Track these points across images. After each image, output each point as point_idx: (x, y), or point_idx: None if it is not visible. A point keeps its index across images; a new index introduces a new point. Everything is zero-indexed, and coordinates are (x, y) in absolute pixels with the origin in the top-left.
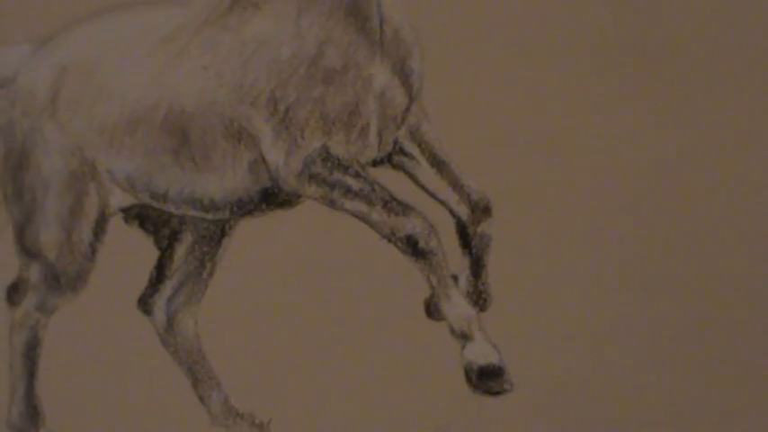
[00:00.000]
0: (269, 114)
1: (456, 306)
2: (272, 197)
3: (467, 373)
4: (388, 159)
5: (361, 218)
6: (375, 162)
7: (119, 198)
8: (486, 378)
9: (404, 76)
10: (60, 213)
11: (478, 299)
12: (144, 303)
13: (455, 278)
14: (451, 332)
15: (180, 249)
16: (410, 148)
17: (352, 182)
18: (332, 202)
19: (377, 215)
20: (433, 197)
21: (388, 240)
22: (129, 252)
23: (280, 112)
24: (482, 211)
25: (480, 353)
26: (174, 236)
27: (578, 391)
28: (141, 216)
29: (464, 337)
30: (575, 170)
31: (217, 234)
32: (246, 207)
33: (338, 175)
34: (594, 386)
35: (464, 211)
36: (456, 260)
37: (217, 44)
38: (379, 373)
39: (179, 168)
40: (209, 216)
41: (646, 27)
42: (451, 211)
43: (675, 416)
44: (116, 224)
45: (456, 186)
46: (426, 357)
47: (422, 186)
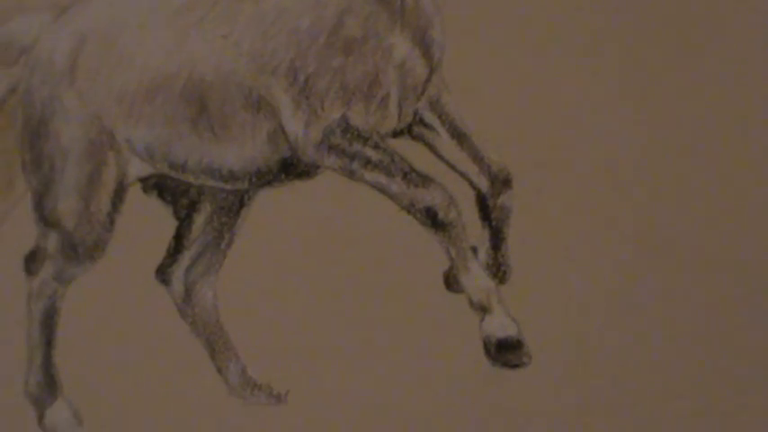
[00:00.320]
0: (288, 84)
1: (475, 278)
2: (290, 167)
3: (485, 345)
4: (408, 130)
5: (381, 189)
6: (395, 133)
7: (137, 168)
8: (505, 351)
9: (424, 46)
10: (79, 182)
11: (498, 271)
12: (162, 274)
13: (474, 250)
14: (470, 304)
15: (198, 220)
16: (430, 119)
17: (371, 153)
18: (351, 173)
19: (396, 186)
20: (453, 169)
21: (408, 212)
22: (148, 222)
23: (299, 82)
24: (502, 182)
25: (499, 325)
26: (193, 206)
27: (598, 364)
28: (160, 186)
29: (483, 310)
30: (595, 141)
31: (235, 204)
32: (265, 177)
33: (358, 146)
34: (614, 358)
35: (484, 183)
36: (476, 232)
37: (236, 13)
38: (397, 345)
39: (197, 138)
40: (227, 186)
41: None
42: (471, 183)
43: (698, 388)
44: (134, 194)
45: (476, 158)
46: (445, 330)
47: (442, 158)
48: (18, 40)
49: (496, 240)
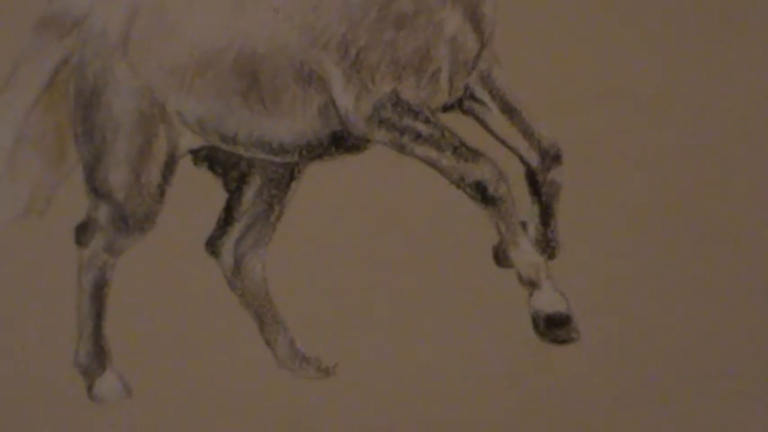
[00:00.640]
0: (340, 58)
1: (524, 253)
2: (341, 141)
3: (534, 320)
4: (459, 105)
5: (431, 163)
6: (445, 107)
7: (188, 140)
8: (554, 326)
9: (475, 21)
10: (130, 154)
11: (547, 247)
12: (212, 246)
13: (524, 225)
14: (519, 279)
15: (248, 192)
16: (481, 94)
17: (422, 127)
18: (401, 147)
19: (446, 161)
20: (504, 144)
21: (458, 186)
22: (198, 194)
23: (351, 56)
24: (552, 158)
25: (548, 301)
26: (243, 179)
27: (647, 341)
28: (210, 158)
29: (532, 285)
30: (647, 117)
31: (285, 177)
32: (315, 151)
33: (408, 120)
34: (662, 335)
35: (534, 158)
36: (525, 207)
37: None
38: (446, 320)
39: (249, 111)
40: (277, 159)
41: None
42: (521, 158)
43: (745, 366)
44: (185, 166)
45: (526, 133)
46: (494, 305)
47: (492, 132)
48: (71, 11)
49: (546, 216)
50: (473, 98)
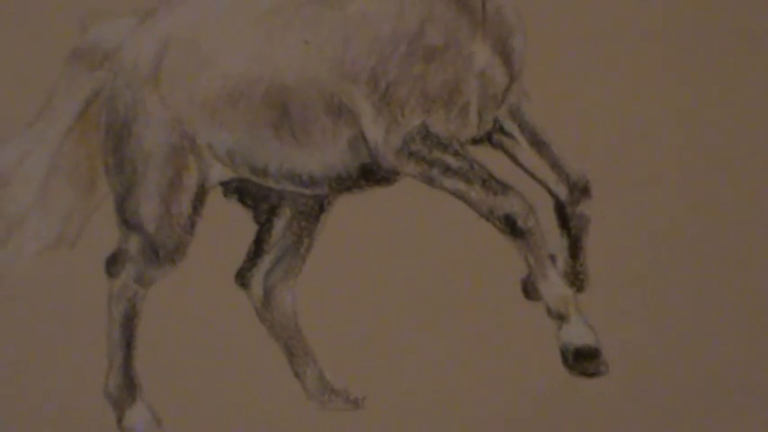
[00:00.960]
0: (369, 91)
1: (553, 286)
2: (370, 173)
3: (563, 353)
4: (488, 138)
5: (460, 196)
6: (475, 141)
7: (218, 172)
8: (582, 359)
9: (505, 55)
10: (160, 186)
11: (575, 279)
12: (242, 277)
13: (553, 258)
14: (548, 312)
15: (278, 224)
16: (510, 127)
17: (451, 160)
18: (431, 180)
19: (475, 194)
20: (532, 177)
21: (487, 219)
22: (228, 225)
23: (380, 89)
24: (581, 191)
25: (576, 334)
26: (273, 210)
27: (677, 374)
28: (240, 190)
29: (561, 318)
30: (675, 152)
31: (315, 209)
32: (345, 183)
33: (437, 153)
34: (695, 369)
35: (563, 192)
36: (554, 240)
37: (319, 19)
38: (475, 352)
39: (279, 143)
40: (307, 191)
41: (754, 16)
42: (550, 191)
43: None
44: (215, 197)
45: (555, 166)
46: (523, 337)
47: (521, 165)
48: (103, 44)
49: (575, 249)
50: (502, 131)
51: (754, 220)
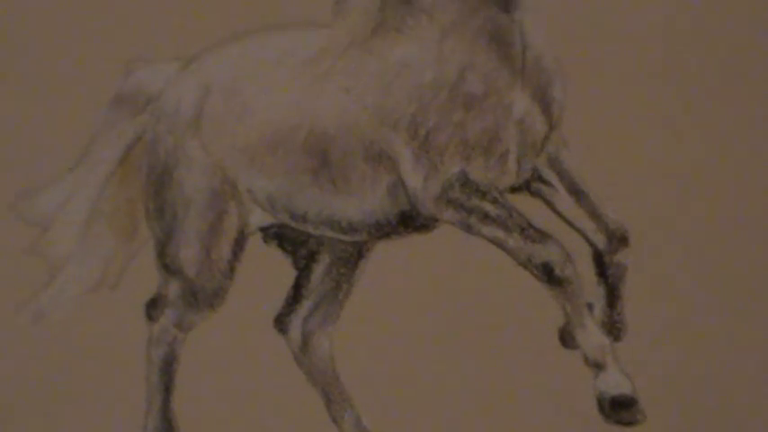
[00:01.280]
0: (409, 138)
1: (590, 335)
2: (409, 220)
3: (599, 402)
4: (527, 186)
5: (498, 244)
6: (513, 188)
7: (258, 217)
8: (619, 408)
9: (544, 103)
10: (200, 231)
11: (613, 328)
12: (280, 322)
13: (590, 307)
14: (585, 361)
15: (317, 270)
16: (548, 175)
17: (489, 207)
18: (469, 227)
19: (513, 241)
20: (570, 225)
21: (525, 267)
22: (267, 271)
23: (420, 137)
24: (619, 240)
25: (613, 383)
26: (312, 256)
27: (715, 423)
28: (280, 235)
29: (597, 367)
30: (714, 201)
31: (354, 256)
32: (384, 230)
33: (476, 201)
34: (733, 418)
35: (601, 240)
36: (591, 289)
37: (360, 67)
38: (513, 399)
39: (318, 189)
40: (346, 238)
41: None
42: (588, 240)
43: None
44: (255, 243)
45: (593, 215)
46: (559, 385)
47: (559, 214)
48: (145, 89)
49: (612, 298)
50: (541, 179)
51: None
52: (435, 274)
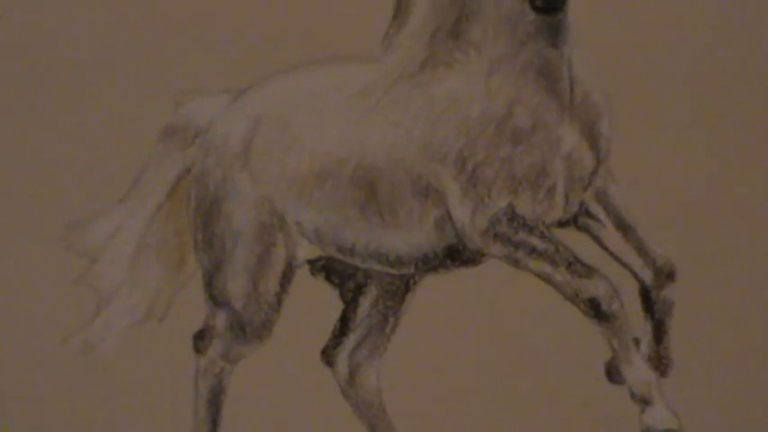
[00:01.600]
0: (457, 172)
1: (637, 370)
2: (456, 254)
3: None
4: (574, 221)
5: (545, 278)
6: (560, 223)
7: (306, 250)
8: None
9: (592, 138)
10: (248, 263)
11: (659, 364)
12: (327, 355)
13: (637, 342)
14: (631, 396)
15: (364, 303)
16: (596, 210)
17: (536, 242)
18: (516, 262)
19: (560, 276)
20: (618, 260)
21: (571, 302)
22: (315, 304)
23: (467, 171)
24: (666, 276)
25: (660, 418)
26: (359, 289)
27: None
28: (327, 268)
29: (644, 402)
30: (762, 235)
31: (401, 289)
32: (431, 263)
33: (523, 235)
34: None
35: (648, 276)
36: (638, 324)
37: (408, 101)
38: None
39: (366, 222)
40: (394, 271)
41: None
42: (635, 275)
43: None
44: (302, 276)
45: (641, 250)
46: (606, 420)
47: (606, 249)
48: (194, 122)
49: (659, 333)
50: (588, 214)
51: None
52: (482, 308)
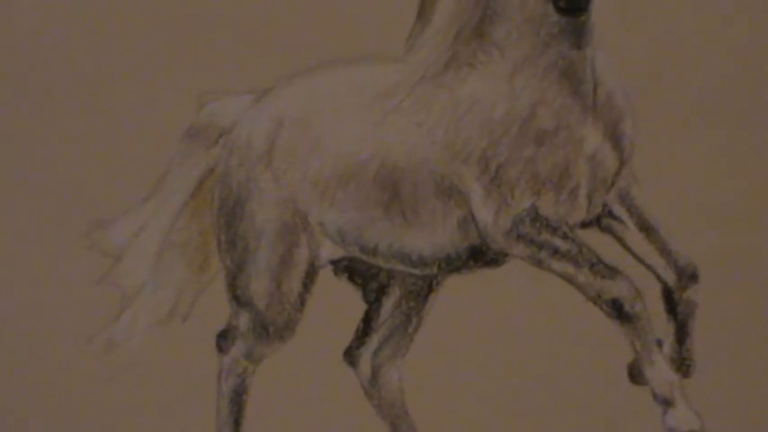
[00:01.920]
0: (480, 172)
1: (659, 371)
2: (479, 255)
3: None
4: (597, 222)
5: (568, 279)
6: (583, 224)
7: (329, 250)
8: None
9: (615, 139)
10: (271, 263)
11: (682, 365)
12: (350, 355)
13: (659, 343)
14: (654, 397)
15: (387, 303)
16: (619, 211)
17: (559, 243)
18: (539, 262)
19: (583, 277)
20: (640, 261)
21: (594, 302)
22: (337, 304)
23: (491, 171)
24: (689, 277)
25: (682, 419)
26: (382, 290)
27: None
28: (350, 269)
29: (666, 403)
30: None
31: (424, 289)
32: (454, 264)
33: (546, 236)
34: None
35: (670, 277)
36: (661, 325)
37: (431, 102)
38: None
39: (389, 223)
40: (416, 271)
41: None
42: (658, 276)
43: None
44: (325, 276)
45: (663, 251)
46: (628, 422)
47: (629, 250)
48: (218, 122)
49: (681, 334)
50: (611, 215)
51: None
52: (505, 308)
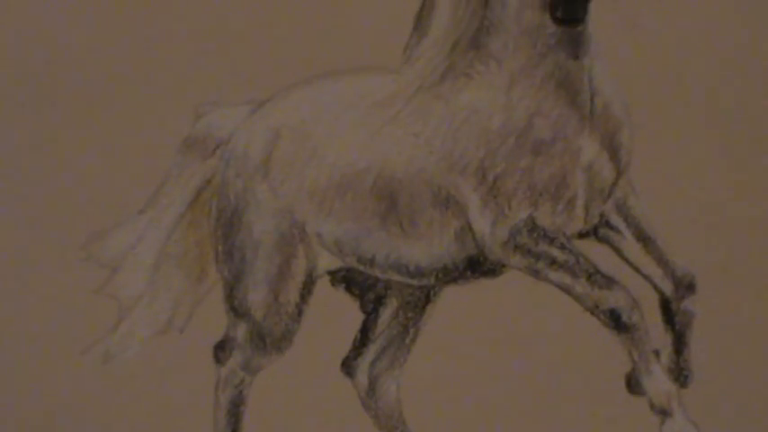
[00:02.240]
0: (477, 183)
1: (657, 381)
2: (476, 265)
3: None
4: (594, 232)
5: (565, 289)
6: (581, 234)
7: (326, 261)
8: None
9: (612, 149)
10: (269, 274)
11: (679, 375)
12: (347, 366)
13: (657, 353)
14: (651, 407)
15: (384, 314)
16: (616, 221)
17: (557, 253)
18: (536, 273)
19: (581, 287)
20: (638, 271)
21: (591, 313)
22: (335, 315)
23: (488, 182)
24: (686, 287)
25: (679, 429)
26: (380, 300)
27: None
28: (348, 279)
29: (663, 413)
30: None
31: (421, 300)
32: (451, 274)
33: (543, 246)
34: None
35: (668, 287)
36: (658, 335)
37: (428, 112)
38: None
39: (386, 233)
40: (414, 282)
41: None
42: (655, 287)
43: None
44: (322, 287)
45: (661, 262)
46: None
47: (626, 260)
48: (215, 133)
49: (679, 344)
50: (608, 226)
51: None
52: (503, 319)
